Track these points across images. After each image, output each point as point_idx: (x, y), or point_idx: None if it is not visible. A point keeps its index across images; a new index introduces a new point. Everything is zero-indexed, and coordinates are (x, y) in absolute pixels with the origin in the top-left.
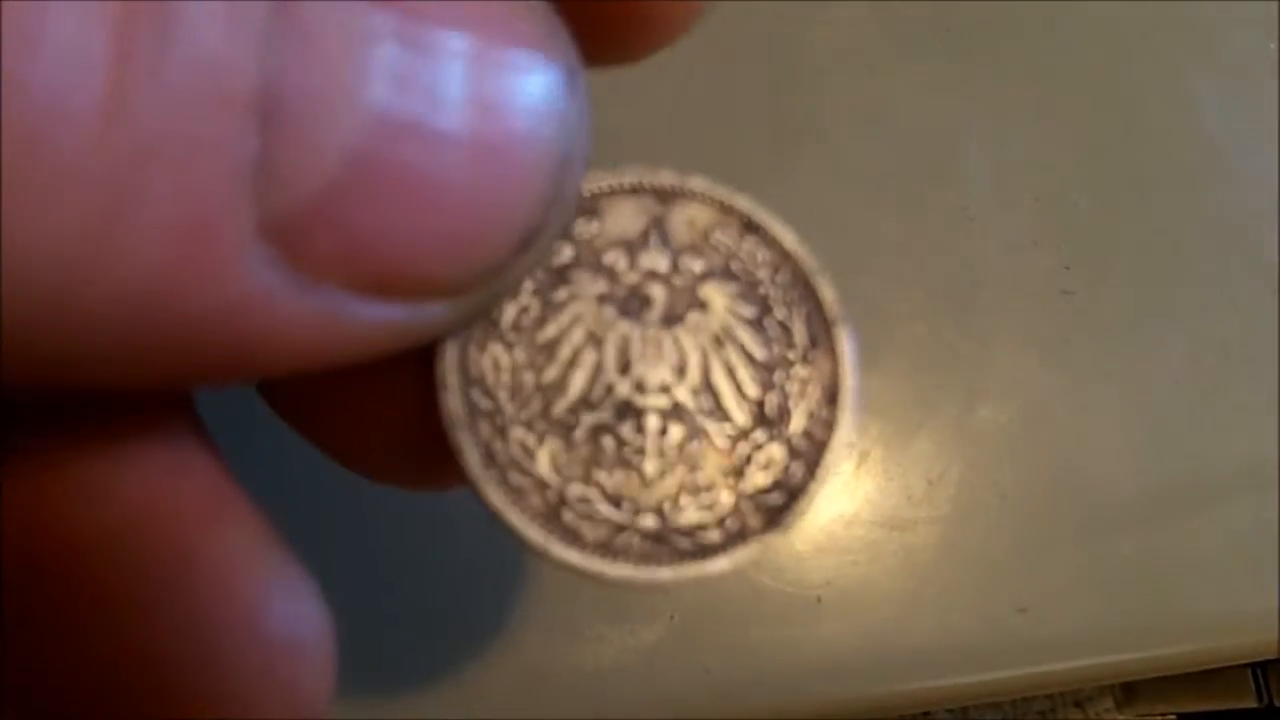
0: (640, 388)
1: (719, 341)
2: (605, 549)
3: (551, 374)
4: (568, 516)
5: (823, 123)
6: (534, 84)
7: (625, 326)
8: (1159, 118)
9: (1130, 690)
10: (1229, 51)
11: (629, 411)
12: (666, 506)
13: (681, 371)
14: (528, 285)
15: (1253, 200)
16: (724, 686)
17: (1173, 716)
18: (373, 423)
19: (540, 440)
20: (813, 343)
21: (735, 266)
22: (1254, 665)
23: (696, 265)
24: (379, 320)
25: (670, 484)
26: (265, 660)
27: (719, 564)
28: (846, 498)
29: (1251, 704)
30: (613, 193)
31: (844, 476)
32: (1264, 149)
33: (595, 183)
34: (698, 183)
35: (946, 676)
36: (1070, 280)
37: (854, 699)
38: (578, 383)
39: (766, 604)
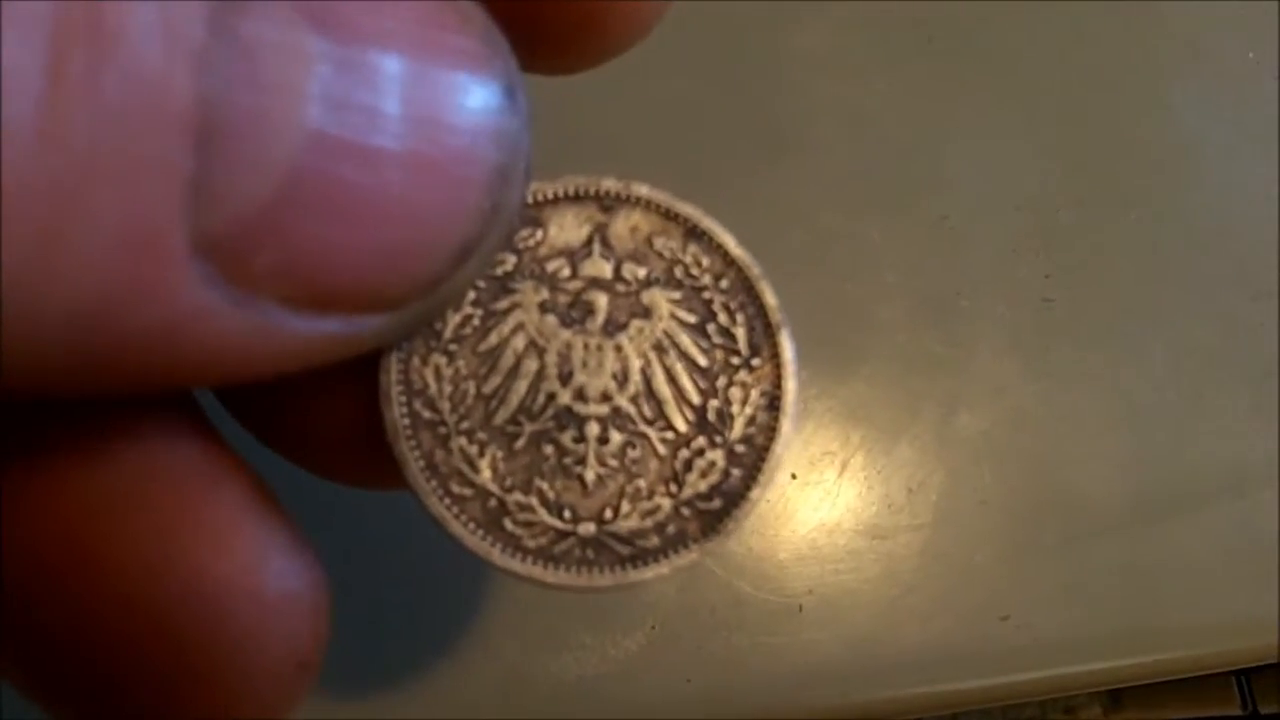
0: (581, 396)
1: (661, 348)
2: (546, 556)
3: (493, 383)
4: (509, 524)
5: (804, 130)
6: (471, 100)
7: (567, 335)
8: (1139, 126)
9: (1117, 697)
10: (1208, 60)
11: (570, 420)
12: (607, 513)
13: (623, 379)
14: (470, 295)
15: (1232, 207)
16: (705, 695)
17: None
18: (322, 427)
19: (482, 450)
20: (755, 349)
21: (679, 273)
22: (1238, 672)
23: (640, 272)
24: (316, 334)
25: (610, 491)
26: (263, 613)
27: (658, 569)
28: (828, 506)
29: (1236, 711)
30: (555, 201)
31: (825, 485)
32: (1243, 156)
33: (537, 191)
34: (640, 190)
35: (928, 684)
36: (1051, 288)
37: (836, 706)
38: (519, 392)
39: (748, 612)
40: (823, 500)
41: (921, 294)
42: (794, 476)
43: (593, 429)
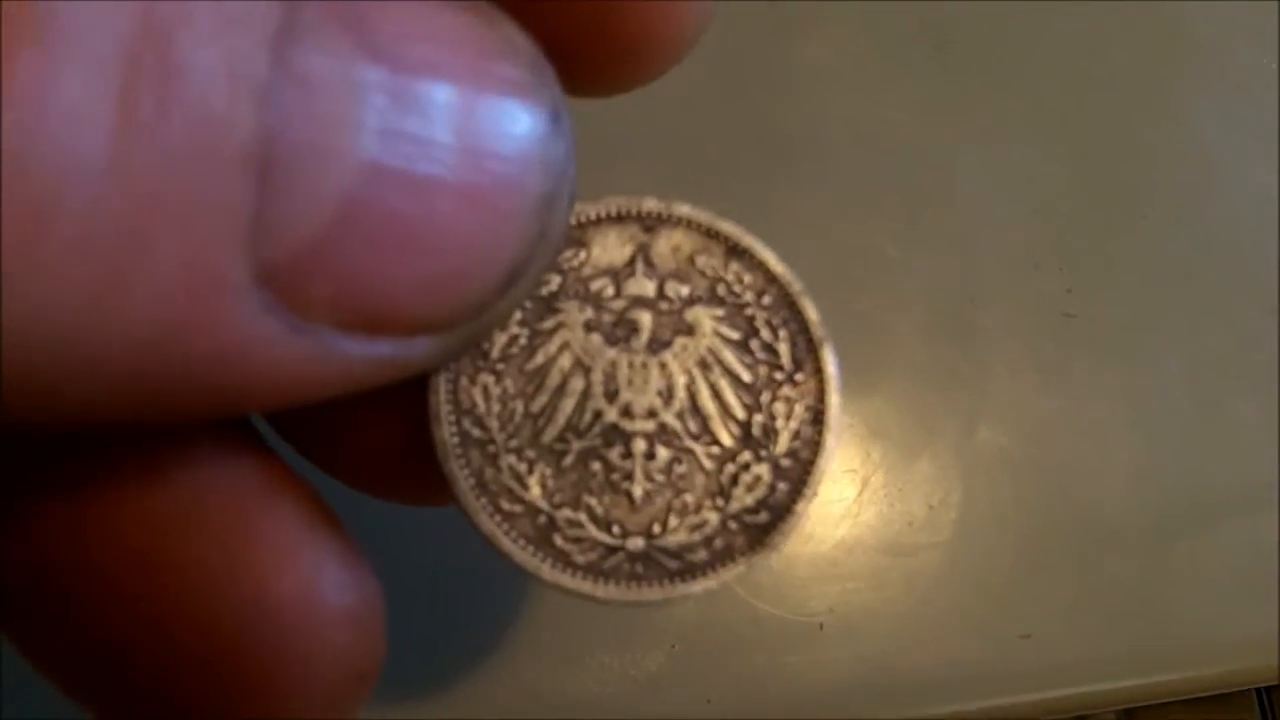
0: (627, 413)
1: (705, 364)
2: (595, 571)
3: (540, 402)
4: (558, 540)
5: (819, 142)
6: (518, 128)
7: (612, 353)
8: (1157, 136)
9: (1132, 710)
10: (1226, 69)
11: (617, 436)
12: (655, 528)
13: (668, 395)
14: (516, 315)
15: (1252, 219)
16: (726, 714)
17: None
18: (372, 447)
19: (531, 467)
20: (798, 364)
21: (721, 290)
22: (1259, 687)
23: (683, 290)
24: (368, 357)
25: (658, 506)
26: (322, 627)
27: (706, 583)
28: (848, 524)
29: None
30: (598, 222)
31: (845, 502)
32: (1262, 167)
33: (581, 213)
34: (682, 209)
35: (950, 703)
36: (1071, 303)
37: None
38: (566, 410)
39: (768, 631)
40: (843, 518)
41: (939, 308)
42: (815, 494)
43: (639, 445)
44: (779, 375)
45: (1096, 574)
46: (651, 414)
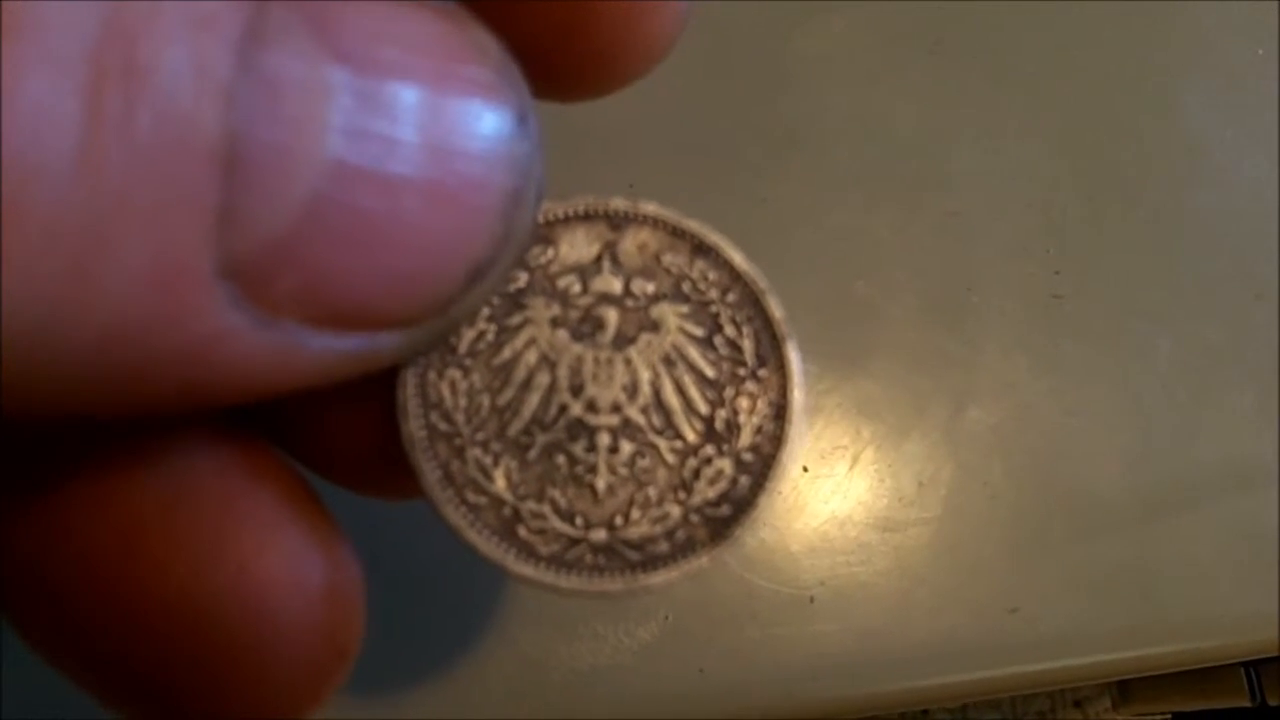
0: (592, 407)
1: (670, 360)
2: (559, 562)
3: (506, 396)
4: (523, 532)
5: (813, 129)
6: (485, 127)
7: (578, 349)
8: (1146, 123)
9: (1126, 689)
10: (1216, 58)
11: (581, 430)
12: (617, 521)
13: (633, 390)
14: (484, 311)
15: (1239, 204)
16: (718, 686)
17: (1169, 715)
18: (342, 440)
19: (496, 460)
20: (761, 360)
21: (686, 288)
22: (1247, 664)
23: (649, 287)
24: (335, 351)
25: (621, 499)
26: (304, 606)
27: (667, 575)
28: (839, 499)
29: (1245, 703)
30: (566, 220)
31: (836, 478)
32: (1250, 154)
33: (549, 211)
34: (648, 207)
35: (937, 675)
36: (1059, 285)
37: (846, 698)
38: (531, 404)
39: (760, 604)
40: (834, 493)
41: (931, 291)
42: (805, 470)
43: (603, 439)
44: (742, 371)
45: (1083, 550)
46: (616, 409)
